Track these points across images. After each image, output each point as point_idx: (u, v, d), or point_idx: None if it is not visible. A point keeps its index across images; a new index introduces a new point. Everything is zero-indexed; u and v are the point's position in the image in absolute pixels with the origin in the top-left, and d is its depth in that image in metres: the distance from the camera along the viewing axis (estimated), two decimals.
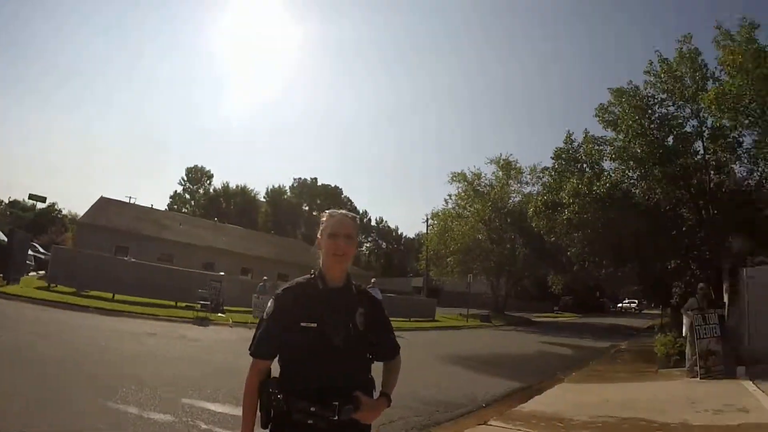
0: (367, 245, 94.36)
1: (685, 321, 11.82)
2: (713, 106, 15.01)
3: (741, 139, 17.03)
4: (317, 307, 2.10)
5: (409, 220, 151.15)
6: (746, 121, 15.53)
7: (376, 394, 2.18)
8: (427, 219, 43.66)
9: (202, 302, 18.43)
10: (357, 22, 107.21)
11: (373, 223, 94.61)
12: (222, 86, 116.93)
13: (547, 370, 13.04)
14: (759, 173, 17.22)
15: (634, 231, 17.12)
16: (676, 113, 18.11)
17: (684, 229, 18.16)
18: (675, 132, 17.99)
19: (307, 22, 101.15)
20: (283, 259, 39.93)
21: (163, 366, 8.25)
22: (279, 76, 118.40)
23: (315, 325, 2.06)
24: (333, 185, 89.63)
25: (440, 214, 40.85)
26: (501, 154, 39.00)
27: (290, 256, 41.74)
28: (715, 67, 16.77)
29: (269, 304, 2.17)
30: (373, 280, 24.41)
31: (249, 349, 2.15)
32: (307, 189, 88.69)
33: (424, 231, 45.65)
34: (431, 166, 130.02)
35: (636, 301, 65.70)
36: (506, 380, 10.92)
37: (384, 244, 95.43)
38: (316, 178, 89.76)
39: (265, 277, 22.58)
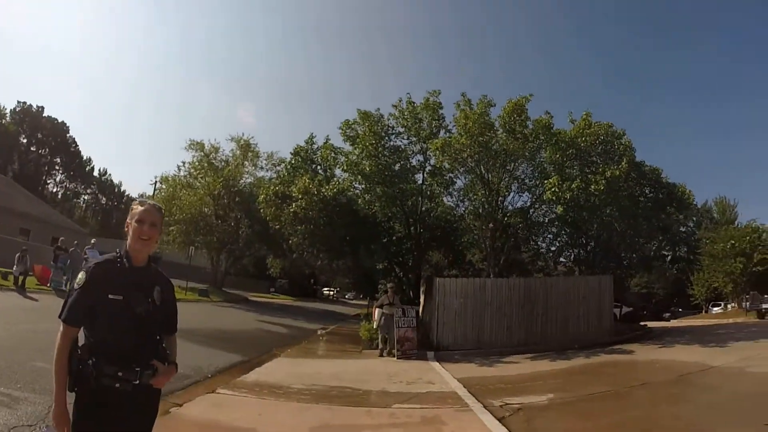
0: (86, 197, 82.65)
1: (376, 314, 14.08)
2: (438, 151, 17.95)
3: (455, 180, 20.56)
4: (124, 283, 2.38)
5: (134, 178, 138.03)
6: (462, 169, 19.02)
7: None
8: (156, 182, 41.05)
9: None
10: None
11: (95, 173, 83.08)
12: None
13: (265, 346, 13.77)
14: (463, 209, 21.15)
15: (352, 233, 19.02)
16: (408, 147, 20.73)
17: (394, 238, 21.23)
18: (403, 161, 20.50)
19: None
20: None
21: None
22: None
23: (121, 297, 2.34)
24: (60, 120, 76.27)
25: (170, 179, 38.62)
26: (243, 134, 38.62)
27: None
28: (450, 122, 19.87)
29: (80, 276, 2.38)
30: (93, 241, 22.45)
31: (59, 316, 2.34)
32: (31, 118, 73.16)
33: (150, 193, 42.71)
34: (167, 129, 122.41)
35: (335, 289, 71.54)
36: (228, 353, 11.39)
37: (104, 199, 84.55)
38: (42, 107, 74.97)
39: None
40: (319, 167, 22.33)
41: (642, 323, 21.13)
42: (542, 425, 6.08)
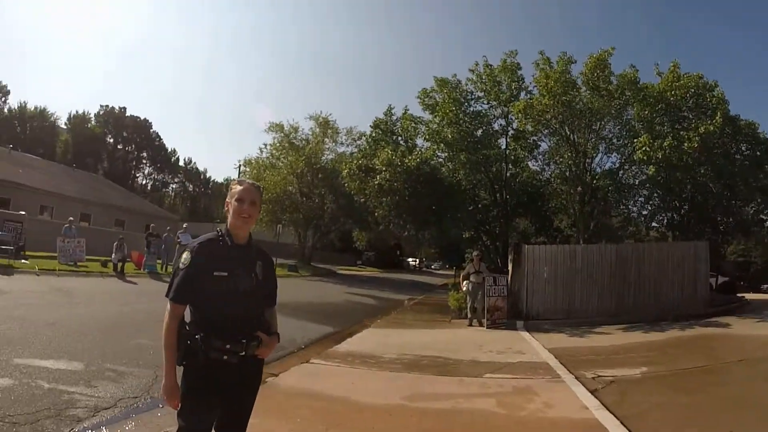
0: (174, 186, 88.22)
1: (463, 284, 13.91)
2: (520, 114, 17.40)
3: (539, 143, 20.06)
4: (227, 260, 2.45)
5: (217, 164, 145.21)
6: (546, 131, 18.43)
7: None
8: (240, 165, 42.17)
9: (2, 247, 16.10)
10: None
11: (181, 163, 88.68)
12: None
13: (355, 317, 14.22)
14: (549, 173, 20.51)
15: (437, 202, 18.83)
16: (488, 111, 20.35)
17: (480, 206, 21.02)
18: (485, 127, 20.21)
19: None
20: (85, 198, 35.56)
21: None
22: None
23: (226, 274, 2.42)
24: (143, 118, 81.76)
25: (253, 162, 39.74)
26: (321, 112, 39.03)
27: (93, 195, 37.66)
28: (530, 83, 19.26)
29: (185, 255, 2.46)
30: (185, 225, 23.86)
31: (167, 295, 2.44)
32: (114, 119, 79.00)
33: (234, 177, 44.04)
34: (246, 113, 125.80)
35: (420, 260, 72.19)
36: (320, 325, 11.85)
37: (191, 186, 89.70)
38: (125, 108, 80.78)
39: (71, 218, 20.53)
40: (400, 138, 22.37)
41: (739, 294, 19.60)
42: (636, 399, 5.86)
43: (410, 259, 71.73)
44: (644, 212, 21.05)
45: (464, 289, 13.70)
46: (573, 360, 8.11)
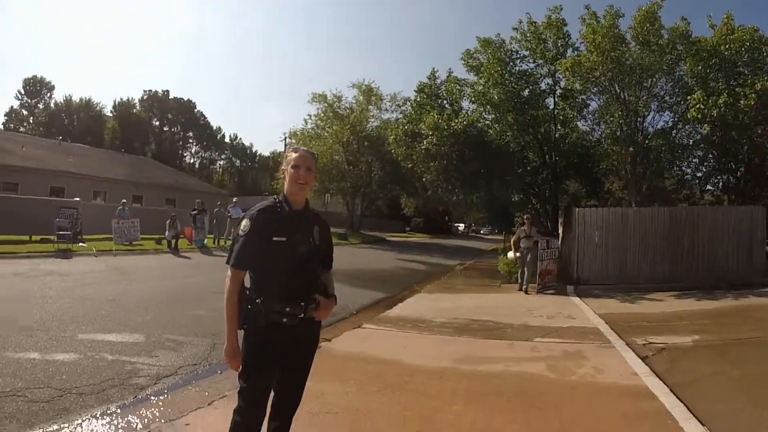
0: (221, 163, 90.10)
1: (510, 253, 13.96)
2: (568, 72, 16.88)
3: (588, 102, 19.39)
4: (286, 225, 2.53)
5: (263, 138, 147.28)
6: (595, 89, 17.81)
7: None
8: (285, 137, 42.50)
9: (60, 233, 16.88)
10: None
11: (227, 140, 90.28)
12: None
13: (405, 283, 14.41)
14: (599, 133, 19.86)
15: (486, 165, 18.49)
16: (534, 70, 19.77)
17: (529, 168, 20.55)
18: (531, 87, 19.69)
19: None
20: (136, 180, 37.09)
21: (44, 306, 7.85)
22: None
23: (285, 239, 2.49)
24: (186, 99, 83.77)
25: (298, 133, 39.66)
26: (363, 80, 38.44)
27: (143, 176, 39.16)
28: (577, 39, 18.56)
29: (244, 222, 2.52)
30: (234, 200, 24.39)
31: (227, 262, 2.52)
32: (158, 102, 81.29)
33: (280, 149, 44.30)
34: (287, 87, 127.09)
35: (468, 225, 71.76)
36: (371, 291, 12.10)
37: (238, 161, 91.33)
38: (168, 91, 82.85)
39: (123, 200, 21.36)
40: (445, 102, 22.07)
41: None
42: (687, 368, 5.81)
43: (458, 225, 71.29)
44: (698, 174, 20.20)
45: (514, 252, 13.63)
46: (623, 326, 8.07)
